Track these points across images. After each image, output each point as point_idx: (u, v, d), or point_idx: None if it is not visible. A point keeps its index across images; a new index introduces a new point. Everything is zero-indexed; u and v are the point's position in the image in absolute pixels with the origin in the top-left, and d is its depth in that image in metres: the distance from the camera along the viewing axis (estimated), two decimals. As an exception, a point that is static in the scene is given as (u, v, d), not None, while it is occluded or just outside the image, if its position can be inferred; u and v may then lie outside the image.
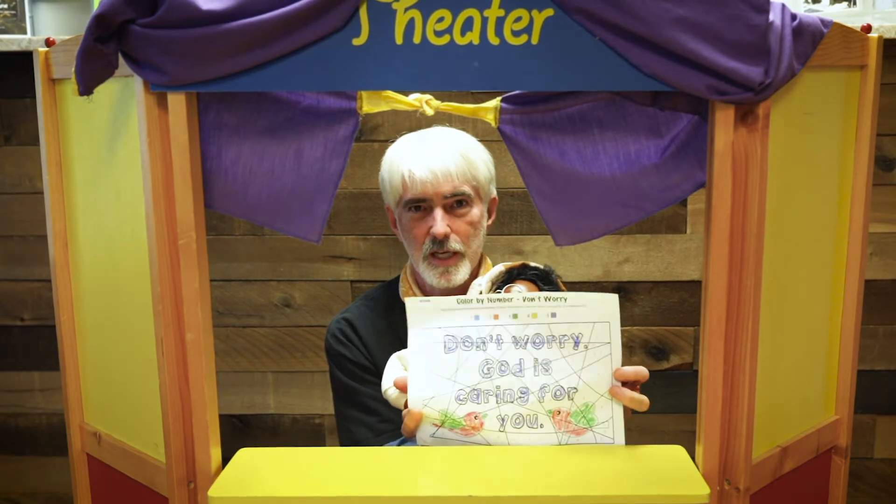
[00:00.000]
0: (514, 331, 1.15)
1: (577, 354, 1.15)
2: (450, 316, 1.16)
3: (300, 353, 2.31)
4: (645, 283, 2.26)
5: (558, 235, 1.30)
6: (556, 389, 1.16)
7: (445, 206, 1.50)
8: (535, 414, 1.17)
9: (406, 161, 1.51)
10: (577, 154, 1.24)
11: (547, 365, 1.15)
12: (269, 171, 1.17)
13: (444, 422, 1.17)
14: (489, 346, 1.16)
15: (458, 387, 1.17)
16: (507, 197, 2.17)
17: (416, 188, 1.49)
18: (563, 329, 1.15)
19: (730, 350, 1.07)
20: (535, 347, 1.15)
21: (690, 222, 2.22)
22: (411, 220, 1.53)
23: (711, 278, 1.06)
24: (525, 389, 1.16)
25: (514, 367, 1.16)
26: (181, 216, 1.06)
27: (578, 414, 1.16)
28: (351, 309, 1.66)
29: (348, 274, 2.26)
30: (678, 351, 2.29)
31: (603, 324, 1.14)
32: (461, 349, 1.16)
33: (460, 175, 1.49)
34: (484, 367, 1.16)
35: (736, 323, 1.06)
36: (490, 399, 1.16)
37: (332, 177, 1.19)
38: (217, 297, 2.27)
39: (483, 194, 1.55)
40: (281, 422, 2.35)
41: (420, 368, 1.17)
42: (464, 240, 1.51)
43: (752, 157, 1.02)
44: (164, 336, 1.08)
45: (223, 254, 2.26)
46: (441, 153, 1.49)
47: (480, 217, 1.54)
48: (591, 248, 2.23)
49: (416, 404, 1.18)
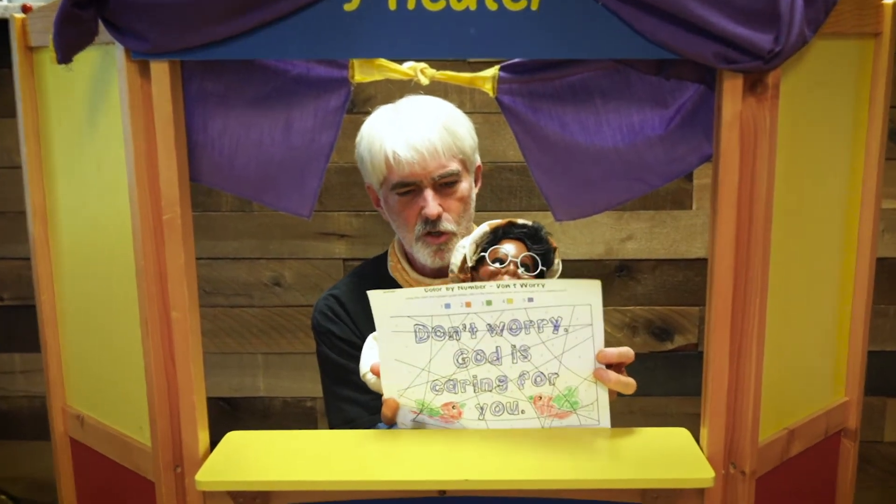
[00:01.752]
0: (489, 318, 1.13)
1: (556, 339, 1.14)
2: (418, 305, 1.14)
3: (290, 333, 2.31)
4: (648, 261, 2.26)
5: (558, 210, 1.29)
6: (535, 376, 1.15)
7: (435, 186, 1.49)
8: (516, 401, 1.16)
9: (388, 140, 1.48)
10: (579, 125, 1.23)
11: (525, 351, 1.14)
12: (257, 143, 1.16)
13: (422, 410, 1.18)
14: (462, 335, 1.14)
15: (432, 377, 1.16)
16: (506, 171, 2.17)
17: (402, 170, 1.47)
18: (540, 313, 1.13)
19: (736, 330, 1.07)
20: (512, 334, 1.14)
21: (696, 197, 2.22)
22: (399, 203, 1.52)
23: (717, 256, 1.05)
24: (503, 378, 1.15)
25: (491, 355, 1.15)
26: (165, 190, 1.05)
27: (561, 398, 1.16)
28: (338, 285, 1.66)
29: (340, 251, 2.26)
30: (683, 331, 2.29)
31: (584, 306, 1.12)
32: (433, 339, 1.14)
33: (447, 151, 1.48)
34: (458, 356, 1.15)
35: (743, 302, 1.06)
36: (467, 388, 1.16)
37: (323, 149, 1.19)
38: (204, 276, 2.26)
39: (470, 165, 1.55)
40: (271, 405, 2.36)
41: (390, 359, 1.16)
42: (456, 218, 1.51)
43: (760, 128, 1.02)
44: (149, 315, 1.07)
45: (210, 230, 2.25)
46: (424, 129, 1.48)
47: (469, 190, 1.54)
48: (593, 224, 2.23)
49: (391, 393, 1.18)
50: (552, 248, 1.28)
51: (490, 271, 1.25)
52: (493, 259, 1.25)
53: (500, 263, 1.25)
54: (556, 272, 1.30)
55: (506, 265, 1.24)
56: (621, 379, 1.16)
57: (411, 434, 1.18)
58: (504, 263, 1.24)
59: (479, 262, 1.27)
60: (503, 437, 1.15)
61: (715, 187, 1.05)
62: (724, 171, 1.03)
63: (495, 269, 1.24)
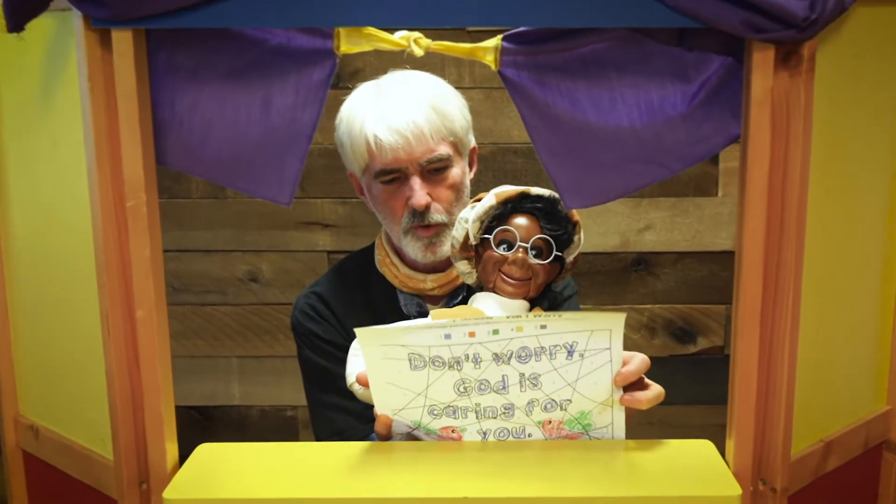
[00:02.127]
0: (495, 347, 1.12)
1: (570, 365, 1.13)
2: (413, 336, 1.12)
3: (269, 335, 2.31)
4: (669, 253, 2.26)
5: (569, 197, 1.29)
6: (546, 403, 1.15)
7: (423, 172, 1.49)
8: (523, 426, 1.17)
9: (368, 122, 1.48)
10: (591, 102, 1.23)
11: (535, 379, 1.14)
12: (231, 121, 1.16)
13: (418, 427, 1.18)
14: (464, 365, 1.13)
15: (430, 402, 1.15)
16: (510, 154, 2.17)
17: (385, 156, 1.47)
18: (553, 339, 1.12)
19: (766, 331, 1.08)
20: (521, 362, 1.13)
21: (722, 183, 2.22)
22: (384, 192, 1.52)
23: (746, 248, 1.06)
24: (509, 406, 1.15)
25: (497, 384, 1.14)
26: (129, 174, 1.05)
27: (573, 421, 1.16)
28: (320, 282, 1.66)
29: (324, 243, 2.26)
30: (707, 332, 2.30)
31: (603, 331, 1.12)
32: (430, 368, 1.13)
33: (435, 133, 1.48)
34: (459, 386, 1.14)
35: (774, 300, 1.07)
36: (469, 415, 1.16)
37: (305, 129, 1.19)
38: (172, 271, 2.26)
39: (462, 148, 1.54)
40: (247, 414, 2.36)
41: (380, 381, 1.15)
42: (447, 207, 1.51)
43: (794, 105, 1.02)
44: (111, 313, 1.08)
45: (179, 219, 2.25)
46: (408, 109, 1.47)
47: (462, 175, 1.54)
48: (607, 212, 2.23)
49: (384, 411, 1.18)
50: (573, 224, 1.27)
51: (495, 258, 1.24)
52: (499, 242, 1.24)
53: (506, 248, 1.23)
54: (576, 251, 1.29)
55: (513, 251, 1.22)
56: (651, 395, 1.17)
57: (406, 446, 1.18)
58: (512, 248, 1.23)
59: (484, 241, 1.26)
60: (508, 448, 1.15)
61: (743, 172, 1.05)
62: (754, 154, 1.04)
63: (500, 256, 1.23)
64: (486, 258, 1.24)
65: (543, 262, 1.23)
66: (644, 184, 1.26)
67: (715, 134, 1.21)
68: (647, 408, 1.17)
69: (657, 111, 1.22)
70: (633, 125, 1.23)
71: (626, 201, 2.24)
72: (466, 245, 1.28)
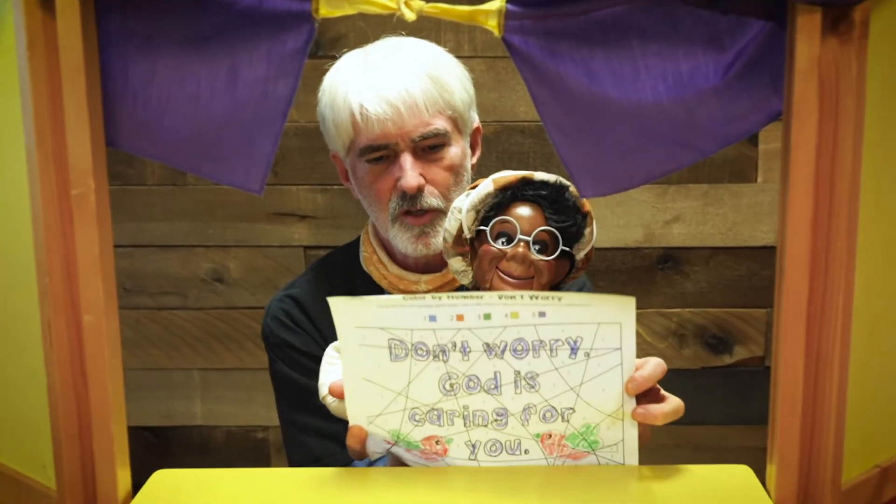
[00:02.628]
0: (487, 335, 1.12)
1: (574, 365, 1.12)
2: (394, 315, 1.12)
3: (237, 343, 2.32)
4: (701, 249, 2.27)
5: (584, 184, 1.30)
6: (544, 410, 1.15)
7: (415, 150, 1.49)
8: (518, 438, 1.16)
9: (354, 91, 1.48)
10: (611, 74, 1.23)
11: (532, 380, 1.13)
12: (193, 96, 1.16)
13: (398, 440, 1.18)
14: (451, 355, 1.13)
15: (411, 404, 1.16)
16: (516, 134, 2.17)
17: (371, 130, 1.47)
18: (554, 332, 1.11)
19: (813, 339, 1.08)
20: (516, 357, 1.12)
21: (763, 168, 2.22)
22: (370, 173, 1.52)
23: (790, 243, 1.06)
24: (502, 411, 1.15)
25: (488, 382, 1.14)
26: (74, 158, 1.05)
27: (577, 436, 1.16)
28: (297, 283, 1.66)
29: (300, 237, 2.26)
30: (745, 341, 2.31)
31: (612, 325, 1.11)
32: (413, 358, 1.13)
33: (431, 104, 1.48)
34: (445, 382, 1.14)
35: (822, 303, 1.07)
36: (455, 421, 1.16)
37: (279, 105, 1.19)
38: (124, 269, 2.27)
39: (463, 125, 1.55)
40: (211, 436, 2.37)
41: (356, 377, 1.16)
42: (443, 192, 1.50)
43: (845, 77, 1.02)
44: (53, 319, 1.08)
45: (132, 210, 2.25)
46: (400, 76, 1.47)
47: (462, 157, 1.54)
48: (629, 201, 2.24)
49: (358, 420, 1.18)
50: (583, 214, 1.27)
51: (492, 253, 1.23)
52: (497, 234, 1.24)
53: (505, 241, 1.23)
54: (587, 245, 1.28)
55: (513, 245, 1.22)
56: (668, 411, 1.16)
57: (388, 473, 1.18)
58: (511, 243, 1.23)
59: (480, 234, 1.26)
60: (505, 476, 1.15)
61: (786, 154, 1.06)
62: (798, 134, 1.04)
63: (498, 251, 1.23)
64: (482, 253, 1.24)
65: (548, 259, 1.23)
66: (671, 168, 1.26)
67: (753, 110, 1.21)
68: (662, 423, 1.16)
69: (686, 84, 1.22)
70: (659, 100, 1.23)
71: (651, 189, 2.24)
72: (460, 239, 1.28)
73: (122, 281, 2.26)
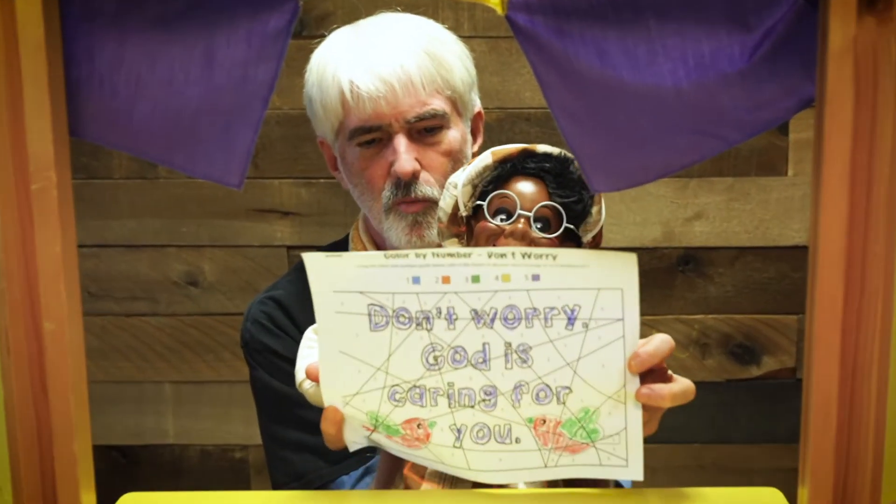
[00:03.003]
0: (475, 301, 1.11)
1: (571, 337, 1.11)
2: (375, 276, 1.12)
3: (213, 354, 2.32)
4: (726, 249, 2.27)
5: (596, 177, 1.30)
6: (538, 389, 1.14)
7: (410, 132, 1.49)
8: (508, 423, 1.15)
9: (344, 67, 1.49)
10: (625, 56, 1.24)
11: (525, 353, 1.12)
12: (165, 81, 1.17)
13: (377, 426, 1.18)
14: (436, 323, 1.12)
15: (392, 381, 1.15)
16: (521, 121, 2.18)
17: (363, 109, 1.47)
18: (549, 299, 1.10)
19: (849, 348, 1.08)
20: (507, 326, 1.12)
21: (793, 159, 2.23)
22: (361, 158, 1.52)
23: (823, 242, 1.06)
24: (491, 389, 1.14)
25: (476, 355, 1.13)
26: (34, 149, 1.06)
27: (573, 423, 1.14)
28: (280, 284, 1.66)
29: (283, 236, 2.26)
30: (774, 351, 2.31)
31: (612, 291, 1.10)
32: (394, 326, 1.13)
33: (428, 82, 1.48)
34: (429, 354, 1.14)
35: (859, 309, 1.07)
36: (439, 401, 1.15)
37: (260, 90, 1.19)
38: (89, 271, 2.27)
39: (463, 107, 1.55)
40: (184, 455, 2.37)
41: (333, 351, 1.15)
42: (440, 180, 1.51)
43: (883, 60, 1.02)
44: (11, 327, 1.08)
45: (98, 206, 2.26)
46: (395, 51, 1.48)
47: (462, 142, 1.54)
48: (646, 196, 2.24)
49: (333, 400, 1.17)
50: (589, 193, 1.27)
51: (489, 230, 1.23)
52: (495, 210, 1.24)
53: (504, 218, 1.23)
54: (595, 227, 1.28)
55: (512, 221, 1.22)
56: (676, 391, 1.15)
57: (383, 498, 1.19)
58: (510, 219, 1.22)
59: (477, 211, 1.26)
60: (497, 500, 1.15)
61: (819, 144, 1.06)
62: (832, 122, 1.04)
63: (496, 228, 1.22)
64: (479, 230, 1.24)
65: (550, 237, 1.23)
66: (692, 160, 1.27)
67: (782, 96, 1.22)
68: (670, 405, 1.15)
69: (709, 67, 1.23)
70: (678, 85, 1.23)
71: (670, 182, 2.24)
72: (456, 217, 1.28)
73: (87, 284, 2.26)
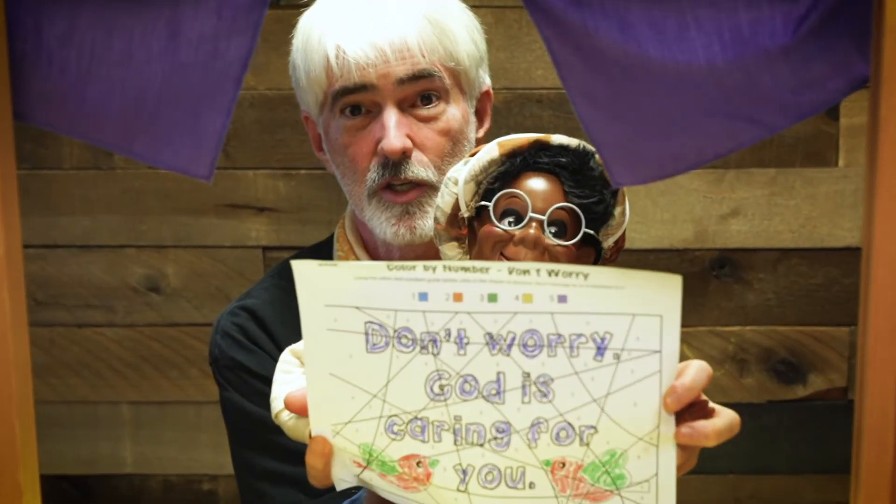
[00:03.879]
0: (490, 323, 1.09)
1: (600, 369, 1.09)
2: (374, 290, 1.10)
3: (177, 370, 2.32)
4: (767, 251, 2.27)
5: (617, 169, 1.30)
6: (558, 427, 1.12)
7: (402, 102, 1.49)
8: (522, 466, 1.14)
9: (330, 31, 1.49)
10: (651, 29, 1.24)
11: (546, 385, 1.11)
12: (123, 56, 1.17)
13: (370, 461, 1.16)
14: (444, 347, 1.10)
15: (388, 410, 1.14)
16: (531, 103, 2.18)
17: (349, 78, 1.48)
18: (576, 324, 1.08)
19: (907, 364, 1.08)
20: (527, 354, 1.10)
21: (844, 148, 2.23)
22: (345, 132, 1.52)
23: (878, 244, 1.07)
24: (504, 426, 1.12)
25: (488, 386, 1.11)
26: (-27, 135, 1.06)
27: (597, 467, 1.13)
28: (254, 292, 1.67)
29: (258, 235, 2.27)
30: (823, 368, 2.31)
31: (650, 318, 1.08)
32: (395, 348, 1.11)
33: (428, 50, 1.48)
34: (434, 382, 1.12)
35: (918, 318, 1.07)
36: (444, 437, 1.13)
37: (232, 69, 1.20)
38: (35, 275, 2.27)
39: (467, 83, 1.55)
40: (145, 487, 2.37)
41: (322, 373, 1.13)
42: (435, 161, 1.51)
43: (948, 35, 1.03)
44: (-54, 340, 1.08)
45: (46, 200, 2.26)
46: (392, 16, 1.48)
47: (463, 122, 1.54)
48: (676, 190, 2.25)
49: (321, 429, 1.16)
50: (613, 191, 1.27)
51: (495, 236, 1.23)
52: (502, 212, 1.23)
53: (513, 221, 1.23)
54: (618, 231, 1.28)
55: (522, 226, 1.22)
56: (721, 427, 1.14)
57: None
58: (521, 223, 1.22)
59: (481, 212, 1.25)
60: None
61: (874, 131, 1.06)
62: (889, 106, 1.05)
63: (503, 233, 1.22)
64: (484, 235, 1.23)
65: (567, 244, 1.22)
66: (729, 149, 1.27)
67: (831, 76, 1.22)
68: (715, 444, 1.13)
69: (748, 42, 1.23)
70: (713, 62, 1.24)
71: (704, 174, 2.25)
72: (456, 219, 1.28)
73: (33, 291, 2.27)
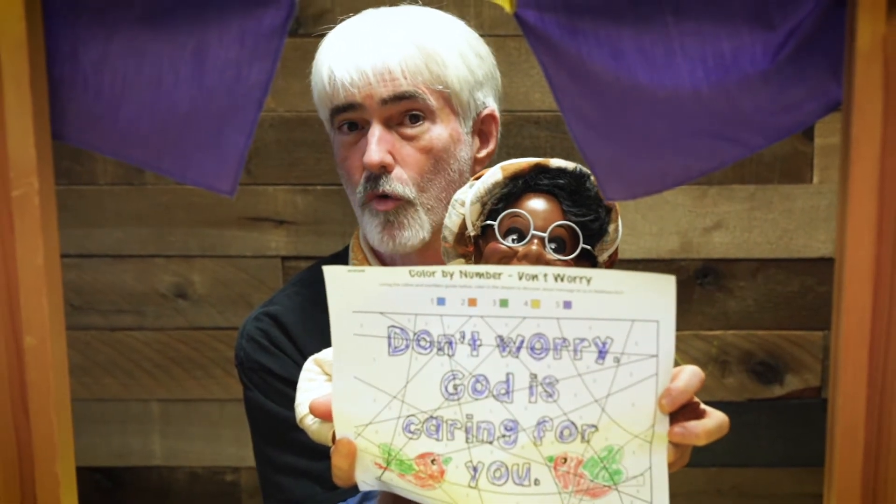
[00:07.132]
0: (501, 327, 1.11)
1: (601, 372, 1.11)
2: (397, 295, 1.12)
3: (202, 370, 2.32)
4: (747, 261, 2.27)
5: (610, 185, 1.30)
6: (562, 426, 1.13)
7: (388, 120, 1.50)
8: (527, 463, 1.15)
9: (328, 56, 1.52)
10: (641, 55, 1.24)
11: (551, 386, 1.12)
12: (153, 81, 1.17)
13: (389, 461, 1.18)
14: (458, 348, 1.12)
15: (407, 411, 1.15)
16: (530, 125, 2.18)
17: (338, 93, 1.50)
18: (581, 329, 1.10)
19: (878, 367, 1.08)
20: (535, 356, 1.12)
21: (819, 166, 2.23)
22: (342, 147, 1.55)
23: (850, 254, 1.06)
24: (512, 424, 1.14)
25: (498, 386, 1.13)
26: (15, 153, 1.06)
27: (595, 464, 1.14)
28: (277, 299, 1.66)
29: (278, 246, 2.27)
30: (798, 369, 2.31)
31: (647, 323, 1.10)
32: (414, 351, 1.13)
33: (411, 73, 1.49)
34: (448, 382, 1.14)
35: (888, 324, 1.07)
36: (456, 435, 1.15)
37: (253, 91, 1.20)
38: (72, 283, 2.27)
39: (460, 107, 1.55)
40: (172, 478, 2.37)
41: (348, 376, 1.15)
42: (414, 178, 1.51)
43: (915, 61, 1.02)
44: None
45: (82, 214, 2.26)
46: (379, 42, 1.50)
47: (449, 142, 1.54)
48: (663, 205, 2.24)
49: (345, 430, 1.17)
50: (606, 209, 1.27)
51: (500, 252, 1.23)
52: (506, 231, 1.23)
53: (516, 238, 1.23)
54: (612, 245, 1.28)
55: (525, 243, 1.22)
56: (711, 428, 1.15)
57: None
58: (524, 240, 1.22)
59: (486, 231, 1.26)
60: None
61: (846, 150, 1.06)
62: (860, 126, 1.04)
63: (508, 250, 1.22)
64: (489, 252, 1.24)
65: (566, 258, 1.23)
66: (712, 166, 1.27)
67: (808, 99, 1.22)
68: (705, 443, 1.14)
69: (730, 67, 1.23)
70: (697, 86, 1.23)
71: (688, 190, 2.24)
72: (463, 237, 1.28)
73: (70, 297, 2.26)
